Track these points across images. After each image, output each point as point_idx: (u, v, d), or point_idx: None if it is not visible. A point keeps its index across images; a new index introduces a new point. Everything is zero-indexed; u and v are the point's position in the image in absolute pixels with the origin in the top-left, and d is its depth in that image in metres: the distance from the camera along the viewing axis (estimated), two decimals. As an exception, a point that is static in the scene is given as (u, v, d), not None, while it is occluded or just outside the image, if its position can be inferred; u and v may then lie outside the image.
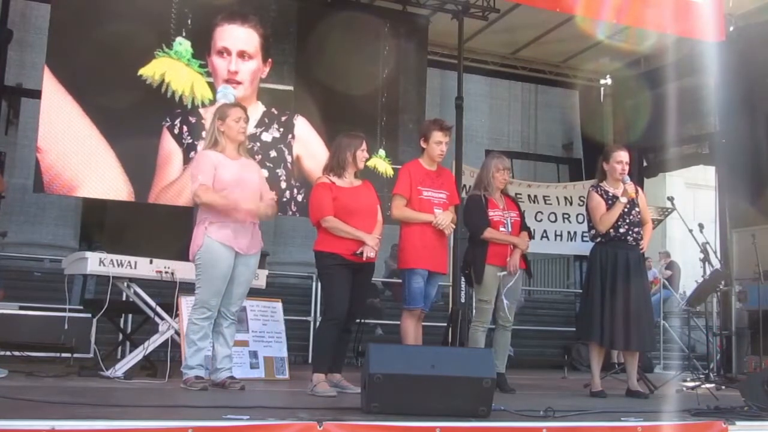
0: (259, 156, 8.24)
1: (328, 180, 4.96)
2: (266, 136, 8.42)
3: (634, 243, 5.49)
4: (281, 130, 8.58)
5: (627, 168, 5.59)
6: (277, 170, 8.42)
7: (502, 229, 5.58)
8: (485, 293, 5.56)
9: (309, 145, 8.62)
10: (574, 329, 11.12)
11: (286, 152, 8.53)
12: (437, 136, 5.29)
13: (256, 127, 8.40)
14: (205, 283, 4.77)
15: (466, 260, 5.80)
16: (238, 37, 8.45)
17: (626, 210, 5.48)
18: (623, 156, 5.61)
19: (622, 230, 5.47)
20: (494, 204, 5.64)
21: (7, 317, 6.31)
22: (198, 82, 8.16)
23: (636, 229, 5.50)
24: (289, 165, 8.49)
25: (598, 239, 5.54)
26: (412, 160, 5.54)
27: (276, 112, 8.58)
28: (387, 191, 5.51)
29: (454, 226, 5.36)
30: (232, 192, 4.79)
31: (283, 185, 8.40)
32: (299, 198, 8.43)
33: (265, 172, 8.22)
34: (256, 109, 8.45)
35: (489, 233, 5.55)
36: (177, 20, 8.16)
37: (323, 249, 4.87)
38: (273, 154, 8.42)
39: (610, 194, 5.55)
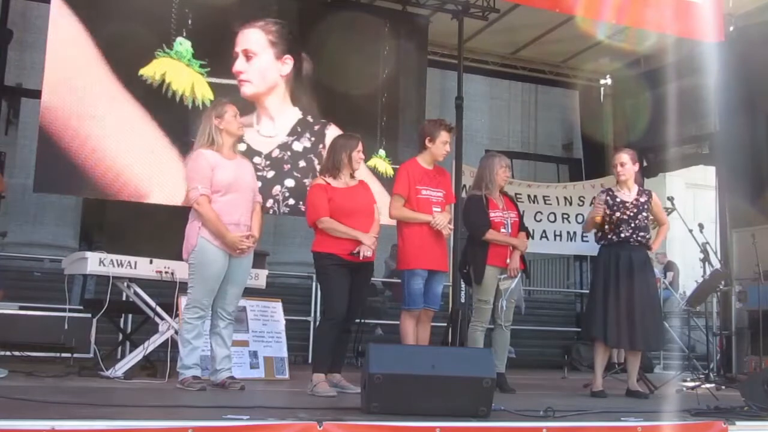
0: (288, 165, 8.28)
1: (323, 181, 4.97)
2: (297, 146, 8.44)
3: (638, 245, 5.51)
4: (312, 139, 8.58)
5: (624, 169, 5.63)
6: (305, 180, 8.40)
7: (502, 230, 5.59)
8: (485, 294, 5.56)
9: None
10: (574, 329, 11.16)
11: (316, 162, 8.49)
12: (445, 136, 5.32)
13: (289, 135, 8.47)
14: (197, 282, 4.76)
15: (464, 259, 5.81)
16: (244, 38, 8.45)
17: (632, 215, 5.51)
18: (617, 158, 5.72)
19: (625, 234, 5.50)
20: (494, 204, 5.64)
21: (7, 317, 6.29)
22: (198, 83, 8.16)
23: (641, 233, 5.52)
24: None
25: (603, 241, 5.59)
26: (409, 159, 5.54)
27: (311, 120, 8.60)
28: (387, 191, 5.51)
29: (451, 227, 5.36)
30: (227, 193, 4.79)
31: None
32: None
33: (291, 182, 8.33)
34: (291, 116, 8.51)
35: (490, 235, 5.55)
36: (177, 20, 8.16)
37: (320, 250, 4.88)
38: (302, 164, 8.44)
39: (618, 200, 5.59)
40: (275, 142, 8.43)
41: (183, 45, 8.12)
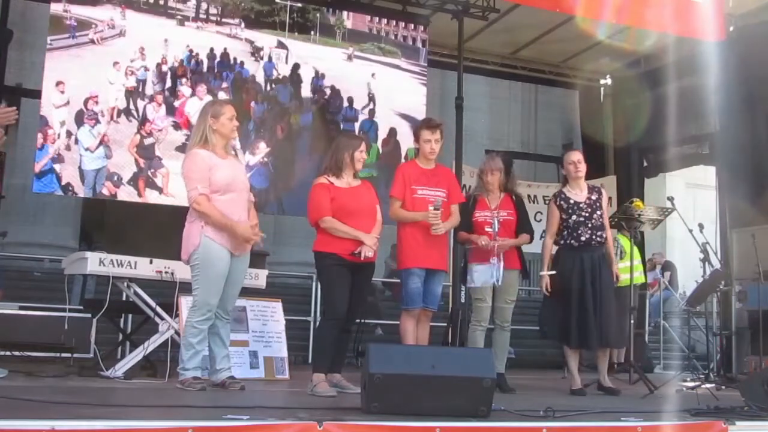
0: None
1: (326, 180, 4.96)
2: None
3: (597, 245, 5.57)
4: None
5: (581, 166, 5.67)
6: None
7: (488, 229, 5.55)
8: (478, 292, 5.58)
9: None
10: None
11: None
12: (425, 134, 5.33)
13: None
14: (204, 283, 4.72)
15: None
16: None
17: (587, 215, 5.56)
18: (574, 156, 5.76)
19: (585, 238, 5.54)
20: (484, 204, 5.65)
21: (7, 317, 6.29)
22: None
23: (599, 233, 5.58)
24: None
25: (561, 241, 5.64)
26: (407, 161, 5.58)
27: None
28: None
29: (444, 229, 5.27)
30: (226, 192, 4.77)
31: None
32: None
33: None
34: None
35: (458, 237, 5.64)
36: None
37: (322, 249, 4.88)
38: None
39: (572, 202, 5.63)
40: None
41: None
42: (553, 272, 5.48)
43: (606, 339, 5.49)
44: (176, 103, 8.20)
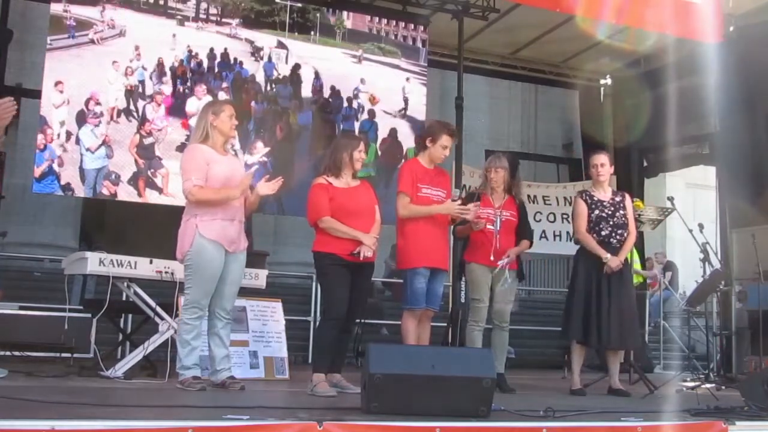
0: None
1: (325, 180, 4.96)
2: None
3: (618, 245, 5.55)
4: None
5: (603, 170, 5.67)
6: None
7: (489, 227, 5.55)
8: (475, 291, 5.57)
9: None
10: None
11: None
12: (446, 140, 5.26)
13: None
14: (196, 283, 4.73)
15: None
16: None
17: (610, 213, 5.56)
18: (597, 159, 5.76)
19: (604, 233, 5.54)
20: (487, 202, 5.63)
21: (7, 317, 6.28)
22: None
23: (620, 231, 5.58)
24: None
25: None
26: (411, 159, 5.55)
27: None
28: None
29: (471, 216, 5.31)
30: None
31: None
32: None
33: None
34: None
35: (457, 231, 5.64)
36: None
37: (321, 249, 4.87)
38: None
39: (595, 199, 5.64)
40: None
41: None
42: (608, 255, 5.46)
43: (621, 340, 5.49)
44: (159, 99, 8.16)
